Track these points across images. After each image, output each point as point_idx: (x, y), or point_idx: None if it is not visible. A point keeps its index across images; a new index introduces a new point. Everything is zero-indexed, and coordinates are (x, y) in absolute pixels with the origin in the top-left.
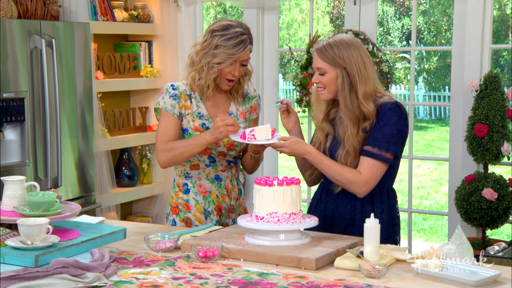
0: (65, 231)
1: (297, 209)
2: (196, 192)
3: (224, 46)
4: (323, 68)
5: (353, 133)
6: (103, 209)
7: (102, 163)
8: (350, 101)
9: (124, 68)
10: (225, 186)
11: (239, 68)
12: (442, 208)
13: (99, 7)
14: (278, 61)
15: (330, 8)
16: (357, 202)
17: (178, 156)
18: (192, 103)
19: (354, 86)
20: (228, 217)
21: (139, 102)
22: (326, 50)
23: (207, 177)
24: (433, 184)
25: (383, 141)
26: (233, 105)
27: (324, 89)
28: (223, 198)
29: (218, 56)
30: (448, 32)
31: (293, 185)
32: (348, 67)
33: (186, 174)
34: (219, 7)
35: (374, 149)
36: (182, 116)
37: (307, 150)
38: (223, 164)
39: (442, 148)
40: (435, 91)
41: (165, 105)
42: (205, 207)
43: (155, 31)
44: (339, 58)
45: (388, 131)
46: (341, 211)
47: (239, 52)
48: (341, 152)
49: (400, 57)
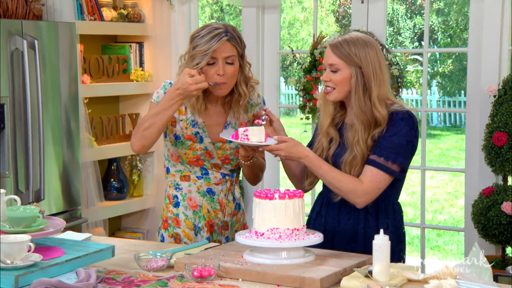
0: (48, 249)
1: (300, 224)
2: (186, 206)
3: (199, 44)
4: (337, 64)
5: (364, 138)
6: (90, 225)
7: (88, 174)
8: (363, 103)
9: (112, 71)
10: (219, 200)
11: (224, 66)
12: (458, 223)
13: (86, 5)
14: (279, 63)
15: (336, 6)
16: (360, 216)
17: (148, 129)
18: (187, 110)
19: (368, 88)
20: (221, 234)
21: (129, 108)
22: (342, 46)
23: (198, 190)
24: (447, 197)
25: (390, 151)
26: (231, 114)
27: (333, 89)
28: (216, 214)
29: (196, 57)
30: (464, 32)
31: (296, 198)
32: (364, 66)
33: (177, 185)
34: (215, 6)
35: (380, 159)
36: (175, 120)
37: (304, 154)
38: (217, 177)
39: (457, 158)
40: (450, 96)
41: (158, 99)
42: (195, 223)
43: (147, 32)
44: (355, 56)
45: (397, 141)
46: (343, 226)
47: (213, 45)
48: (347, 157)
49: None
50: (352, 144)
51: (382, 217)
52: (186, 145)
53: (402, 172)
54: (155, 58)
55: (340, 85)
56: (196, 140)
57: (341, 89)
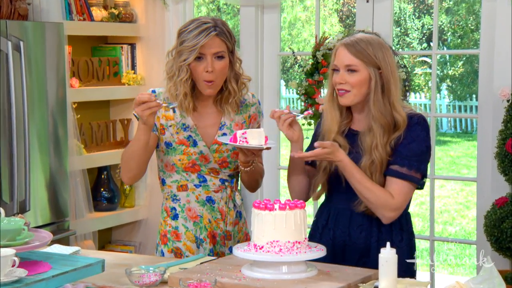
0: (33, 263)
1: (302, 237)
2: (186, 218)
3: (187, 39)
4: (355, 65)
5: (382, 143)
6: (78, 237)
7: (77, 183)
8: (383, 106)
9: (103, 74)
10: (219, 209)
11: (213, 62)
12: (470, 235)
13: (74, 5)
14: (279, 66)
15: (339, 5)
16: (373, 228)
17: (128, 162)
18: (176, 113)
19: (387, 90)
20: (224, 245)
21: (120, 113)
22: (359, 45)
23: (197, 200)
24: (458, 207)
25: (412, 160)
26: (226, 115)
27: (348, 91)
28: (217, 224)
29: (183, 53)
30: (475, 33)
31: (297, 209)
32: (383, 67)
33: (174, 196)
34: (212, 5)
35: (403, 169)
36: (163, 128)
37: (339, 158)
38: (215, 184)
39: (468, 166)
40: (460, 100)
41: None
42: (196, 235)
43: (139, 32)
44: (374, 56)
45: (417, 149)
46: (354, 240)
47: (201, 40)
48: (366, 163)
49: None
50: (371, 149)
51: (396, 229)
52: (180, 151)
53: (423, 179)
54: (148, 60)
55: (357, 88)
56: (189, 144)
57: (358, 91)
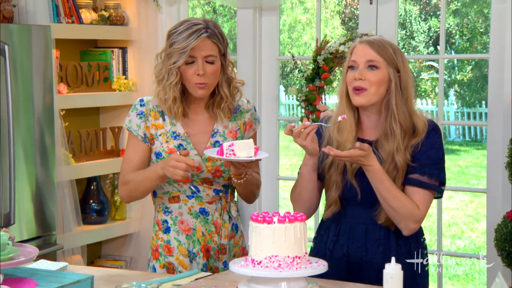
0: (19, 280)
1: (302, 251)
2: (178, 231)
3: (176, 41)
4: (377, 61)
5: (403, 146)
6: (66, 252)
7: (65, 195)
8: (405, 108)
9: (92, 80)
10: (213, 221)
11: (204, 65)
12: (479, 250)
13: (62, 7)
14: (278, 71)
15: (342, 7)
16: (391, 242)
17: (135, 191)
18: (166, 121)
19: (406, 94)
20: (218, 260)
21: (111, 121)
22: (383, 44)
23: (190, 212)
24: (467, 220)
25: (432, 168)
26: (219, 121)
27: (365, 90)
28: (211, 237)
29: (173, 55)
30: (485, 36)
31: (297, 222)
32: (402, 71)
33: (166, 208)
34: (207, 6)
35: (423, 178)
36: (153, 138)
37: (371, 162)
38: (209, 195)
39: (478, 177)
40: (469, 107)
41: (130, 124)
42: (189, 248)
43: (131, 36)
44: (395, 57)
45: (436, 156)
46: (371, 255)
47: (192, 42)
48: (388, 167)
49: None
50: (393, 153)
51: (413, 242)
52: None
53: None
54: (140, 65)
55: (376, 86)
56: None
57: (376, 90)
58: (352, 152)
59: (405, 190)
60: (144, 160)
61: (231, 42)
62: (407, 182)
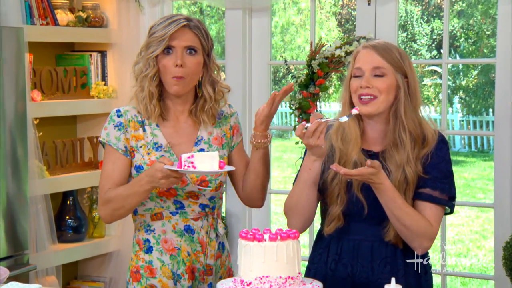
0: None
1: (295, 271)
2: (161, 250)
3: (155, 31)
4: (384, 68)
5: (413, 156)
6: (39, 273)
7: (38, 211)
8: (415, 117)
9: (69, 86)
10: (199, 240)
11: (183, 56)
12: (487, 269)
13: (36, 7)
14: (270, 76)
15: (338, 7)
16: (398, 261)
17: (119, 209)
18: (146, 132)
19: (414, 100)
20: (203, 281)
21: (89, 130)
22: (390, 49)
23: (174, 229)
24: (474, 237)
25: (444, 182)
26: (203, 128)
27: (374, 98)
28: (197, 257)
29: (151, 45)
30: (492, 38)
31: (290, 239)
32: (410, 77)
33: (147, 227)
34: (194, 6)
35: (435, 192)
36: (133, 150)
37: (380, 181)
38: (195, 211)
39: (485, 190)
40: (475, 115)
41: (108, 138)
42: (174, 270)
43: (110, 39)
44: (402, 63)
45: (446, 169)
46: (378, 275)
47: (171, 29)
48: (398, 178)
49: (429, 71)
50: (403, 164)
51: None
52: None
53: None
54: (121, 70)
55: (385, 94)
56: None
57: (385, 98)
58: (362, 170)
59: (416, 205)
60: (125, 175)
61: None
62: (418, 197)
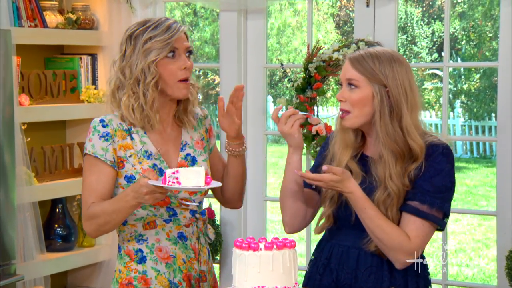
0: None
1: (292, 281)
2: (156, 259)
3: (155, 35)
4: (356, 80)
5: (396, 172)
6: (27, 283)
7: (26, 219)
8: (393, 129)
9: (58, 90)
10: (192, 246)
11: (186, 59)
12: (490, 279)
13: (24, 9)
14: (266, 80)
15: (336, 9)
16: (384, 272)
17: (104, 225)
18: (134, 140)
19: (398, 112)
20: None
21: (79, 136)
22: (364, 59)
23: (168, 237)
24: (476, 246)
25: (435, 197)
26: (185, 132)
27: (348, 113)
28: (191, 264)
29: (153, 50)
30: (494, 41)
31: (286, 249)
32: (391, 85)
33: (139, 237)
34: (187, 8)
35: (423, 207)
36: (122, 160)
37: (350, 189)
38: (186, 217)
39: (487, 197)
40: (477, 120)
41: (94, 149)
42: (170, 278)
43: (101, 41)
44: (380, 72)
45: (441, 183)
46: (361, 283)
47: (175, 34)
48: (380, 196)
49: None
50: (384, 180)
51: (412, 275)
52: None
53: (444, 219)
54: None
55: (358, 107)
56: (156, 173)
57: (359, 112)
58: (323, 176)
59: (402, 217)
60: (110, 188)
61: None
62: (404, 208)
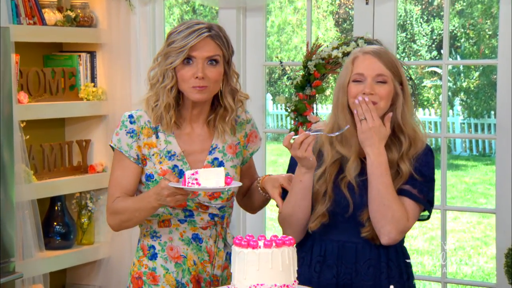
0: None
1: (291, 279)
2: (166, 258)
3: (175, 41)
4: (386, 76)
5: (406, 157)
6: (26, 281)
7: (25, 217)
8: (411, 120)
9: (57, 88)
10: (207, 249)
11: (204, 67)
12: (489, 277)
13: (23, 6)
14: (265, 78)
15: (335, 7)
16: (381, 263)
17: (126, 222)
18: (160, 139)
19: (408, 106)
20: None
21: (78, 133)
22: (388, 55)
23: (182, 237)
24: (475, 244)
25: (423, 184)
26: (217, 137)
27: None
28: (203, 266)
29: (170, 55)
30: (493, 39)
31: (285, 246)
32: (405, 83)
33: (153, 233)
34: (186, 6)
35: (414, 190)
36: (145, 158)
37: (381, 150)
38: (204, 220)
39: (486, 195)
40: (477, 118)
41: (120, 144)
42: (178, 278)
43: (100, 39)
44: (399, 70)
45: (427, 174)
46: (361, 277)
47: (191, 40)
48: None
49: (429, 73)
50: (397, 160)
51: (403, 265)
52: None
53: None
54: (111, 72)
55: (385, 100)
56: (175, 175)
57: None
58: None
59: None
60: (135, 183)
61: None
62: (399, 192)
